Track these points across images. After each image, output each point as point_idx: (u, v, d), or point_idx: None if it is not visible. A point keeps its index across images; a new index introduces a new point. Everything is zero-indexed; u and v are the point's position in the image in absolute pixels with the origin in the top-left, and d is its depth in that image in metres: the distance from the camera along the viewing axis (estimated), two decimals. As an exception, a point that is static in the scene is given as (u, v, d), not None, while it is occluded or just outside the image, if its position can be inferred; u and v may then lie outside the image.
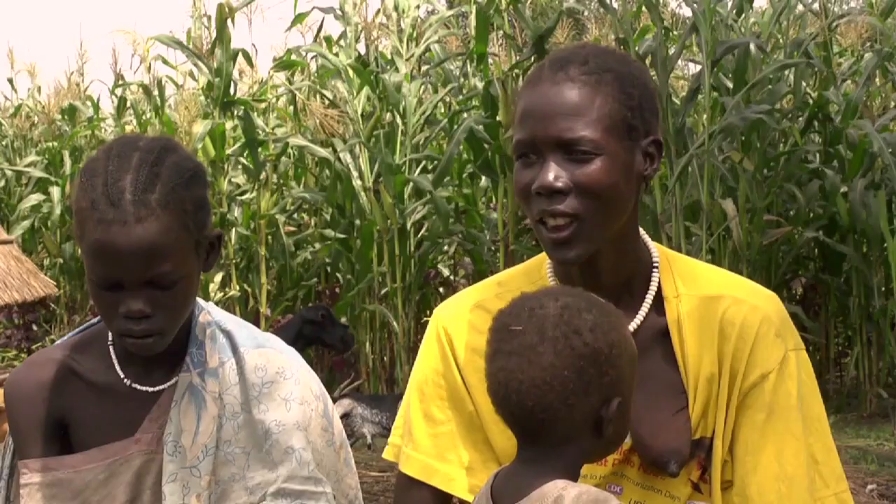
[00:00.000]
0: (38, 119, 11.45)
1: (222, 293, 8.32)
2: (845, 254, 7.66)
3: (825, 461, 1.80)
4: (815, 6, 8.01)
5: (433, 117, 8.71)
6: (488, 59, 8.31)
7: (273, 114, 9.31)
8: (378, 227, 8.12)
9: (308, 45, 9.01)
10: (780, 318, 1.82)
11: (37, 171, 10.66)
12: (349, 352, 7.99)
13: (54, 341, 3.66)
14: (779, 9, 7.72)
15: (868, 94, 7.92)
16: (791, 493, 1.76)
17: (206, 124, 8.00)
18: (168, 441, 1.87)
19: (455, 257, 9.53)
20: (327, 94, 8.80)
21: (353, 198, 8.41)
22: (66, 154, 10.76)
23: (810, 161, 8.10)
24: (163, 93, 9.70)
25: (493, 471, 1.79)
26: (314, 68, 9.53)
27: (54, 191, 10.45)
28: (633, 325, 1.80)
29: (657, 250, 1.86)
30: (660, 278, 1.83)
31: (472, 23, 8.37)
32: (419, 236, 8.51)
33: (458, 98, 8.75)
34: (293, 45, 9.21)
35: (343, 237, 8.57)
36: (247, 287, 8.93)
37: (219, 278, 8.42)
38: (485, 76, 8.08)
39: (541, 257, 1.91)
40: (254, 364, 1.93)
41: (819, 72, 7.89)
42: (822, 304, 8.30)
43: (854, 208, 7.38)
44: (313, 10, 8.86)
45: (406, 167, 8.24)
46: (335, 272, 9.24)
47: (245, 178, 9.30)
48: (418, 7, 8.57)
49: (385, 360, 8.52)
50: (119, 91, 10.69)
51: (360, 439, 6.33)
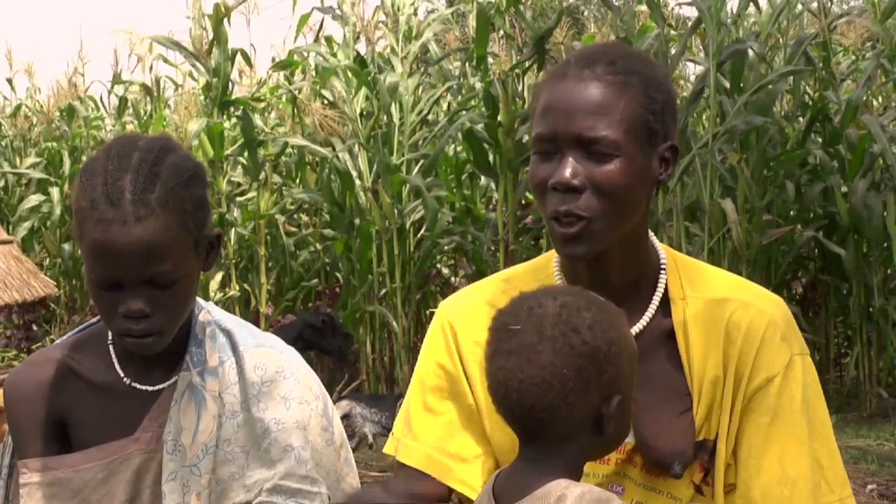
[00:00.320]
0: (37, 119, 11.44)
1: (222, 293, 8.31)
2: (845, 254, 7.64)
3: (830, 466, 1.81)
4: (814, 6, 8.00)
5: (431, 117, 8.70)
6: (488, 58, 8.30)
7: (272, 114, 9.32)
8: (377, 227, 8.12)
9: (306, 45, 8.99)
10: (786, 323, 1.82)
11: (37, 173, 10.65)
12: (345, 360, 8.03)
13: (54, 341, 3.65)
14: (777, 9, 7.71)
15: (868, 94, 7.90)
16: (794, 496, 1.77)
17: (201, 122, 8.00)
18: (168, 440, 1.87)
19: (455, 257, 9.53)
20: (327, 94, 8.80)
21: (353, 198, 8.40)
22: (66, 154, 10.76)
23: (810, 161, 8.09)
24: (160, 92, 9.69)
25: (490, 464, 1.81)
26: (314, 68, 9.52)
27: (54, 191, 10.44)
28: (638, 326, 1.80)
29: (665, 252, 1.86)
30: (667, 280, 1.84)
31: (471, 22, 8.36)
32: (419, 236, 8.50)
33: (458, 98, 8.74)
34: (292, 45, 9.20)
35: (343, 237, 8.57)
36: (247, 287, 8.93)
37: (219, 278, 8.41)
38: (484, 77, 8.07)
39: (548, 255, 1.91)
40: (253, 363, 1.93)
41: (819, 72, 7.88)
42: (822, 304, 8.29)
43: (856, 209, 7.38)
44: (313, 10, 8.87)
45: (404, 167, 8.24)
46: (335, 272, 9.24)
47: (244, 178, 9.30)
48: (413, 4, 8.56)
49: (385, 360, 8.52)
50: (119, 91, 10.69)
51: (362, 439, 6.33)
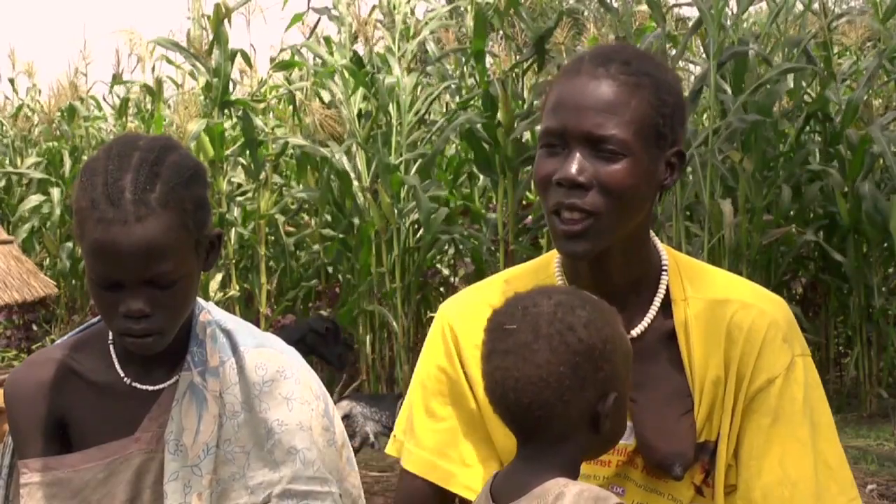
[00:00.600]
0: (38, 119, 11.43)
1: (222, 293, 8.31)
2: (845, 254, 7.64)
3: (839, 467, 1.81)
4: (814, 6, 7.99)
5: (430, 116, 8.69)
6: (487, 58, 8.30)
7: (271, 114, 9.31)
8: (377, 227, 8.12)
9: (302, 42, 8.97)
10: (787, 324, 1.82)
11: (37, 174, 10.64)
12: (343, 368, 8.03)
13: (54, 341, 3.65)
14: (776, 8, 7.70)
15: (869, 94, 7.90)
16: (794, 498, 1.76)
17: (200, 123, 7.99)
18: (170, 440, 1.87)
19: (455, 257, 9.52)
20: (325, 94, 8.79)
21: (352, 198, 8.40)
22: (66, 154, 10.76)
23: (810, 161, 8.09)
24: (161, 92, 9.69)
25: (494, 468, 1.80)
26: (312, 68, 9.51)
27: (54, 191, 10.44)
28: (640, 328, 1.80)
29: (666, 253, 1.86)
30: (668, 281, 1.83)
31: (469, 21, 8.36)
32: (418, 236, 8.50)
33: (457, 98, 8.73)
34: (298, 45, 9.17)
35: (342, 237, 8.56)
36: (247, 287, 8.92)
37: (219, 278, 8.41)
38: (481, 77, 8.06)
39: (549, 256, 1.91)
40: (254, 363, 1.93)
41: (818, 72, 7.88)
42: (822, 304, 8.29)
43: (867, 211, 7.36)
44: (309, 10, 8.86)
45: (403, 167, 8.23)
46: (335, 272, 9.23)
47: (245, 179, 9.29)
48: (409, 2, 8.54)
49: (385, 360, 8.52)
50: (121, 91, 10.69)
51: (364, 439, 6.30)
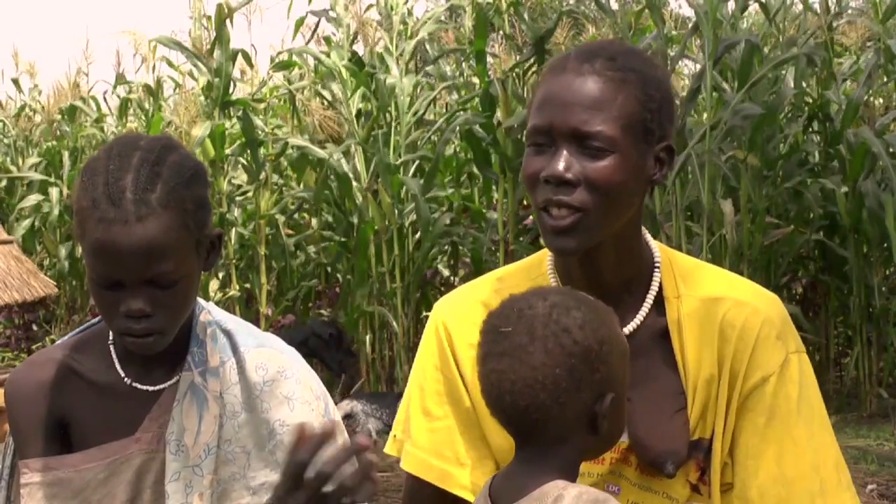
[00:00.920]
0: (39, 119, 11.44)
1: (222, 293, 8.31)
2: (845, 254, 7.64)
3: (836, 464, 1.80)
4: (815, 6, 8.00)
5: (429, 117, 8.69)
6: (487, 58, 8.30)
7: (271, 114, 9.30)
8: (377, 227, 8.11)
9: (300, 46, 8.96)
10: (781, 321, 1.81)
11: (37, 175, 10.64)
12: (344, 374, 8.03)
13: (54, 341, 3.66)
14: (774, 8, 7.70)
15: (869, 93, 7.90)
16: (791, 496, 1.76)
17: (206, 127, 7.99)
18: (171, 440, 1.87)
19: (455, 257, 9.53)
20: (326, 94, 8.79)
21: (351, 198, 8.40)
22: (66, 154, 10.76)
23: (810, 161, 8.09)
24: (161, 92, 9.69)
25: (490, 467, 1.80)
26: (313, 69, 9.52)
27: (53, 191, 10.44)
28: (632, 325, 1.79)
29: (659, 250, 1.85)
30: (661, 278, 1.83)
31: (467, 21, 8.35)
32: (418, 236, 8.50)
33: (456, 98, 8.73)
34: (292, 45, 9.18)
35: (340, 238, 8.56)
36: (247, 287, 8.92)
37: (219, 278, 8.41)
38: (482, 76, 8.06)
39: (541, 254, 1.90)
40: (254, 363, 1.93)
41: (819, 72, 7.88)
42: (822, 304, 8.29)
43: (869, 209, 7.35)
44: (308, 14, 8.84)
45: (403, 167, 8.22)
46: (335, 272, 9.23)
47: (245, 179, 9.29)
48: (407, 3, 8.54)
49: (385, 360, 8.52)
50: (121, 91, 10.68)
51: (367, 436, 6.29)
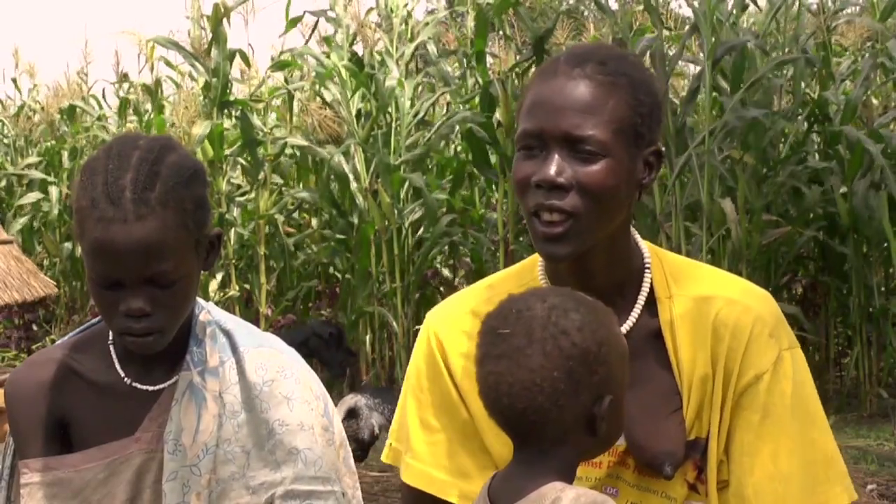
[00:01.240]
0: (38, 119, 11.44)
1: (222, 293, 8.31)
2: (845, 254, 7.65)
3: (832, 458, 1.80)
4: (813, 6, 8.00)
5: (429, 117, 8.69)
6: (487, 58, 8.29)
7: (271, 114, 9.30)
8: (377, 227, 8.11)
9: (300, 47, 8.96)
10: (773, 318, 1.81)
11: (37, 173, 10.64)
12: (344, 375, 8.04)
13: (54, 341, 3.66)
14: (774, 7, 7.70)
15: (867, 93, 7.90)
16: (788, 493, 1.76)
17: (206, 126, 7.98)
18: (169, 439, 1.87)
19: (455, 257, 9.53)
20: (326, 94, 8.79)
21: (351, 198, 8.40)
22: (66, 154, 10.76)
23: (810, 161, 8.10)
24: (160, 93, 9.68)
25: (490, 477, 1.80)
26: (314, 69, 9.51)
27: (52, 190, 10.44)
28: (625, 327, 1.78)
29: (649, 251, 1.84)
30: (652, 279, 1.82)
31: (469, 23, 8.35)
32: (417, 236, 8.50)
33: (457, 99, 8.72)
34: (292, 44, 9.20)
35: (342, 238, 8.56)
36: (247, 287, 8.92)
37: (219, 278, 8.41)
38: (482, 76, 8.06)
39: (532, 259, 1.90)
40: (254, 363, 1.93)
41: (818, 72, 7.88)
42: (822, 304, 8.29)
43: (857, 209, 7.37)
44: (305, 13, 8.83)
45: (402, 167, 8.22)
46: (335, 272, 9.24)
47: (245, 179, 9.29)
48: (406, 6, 8.54)
49: (385, 360, 8.53)
50: (121, 91, 10.68)
51: (371, 430, 6.26)
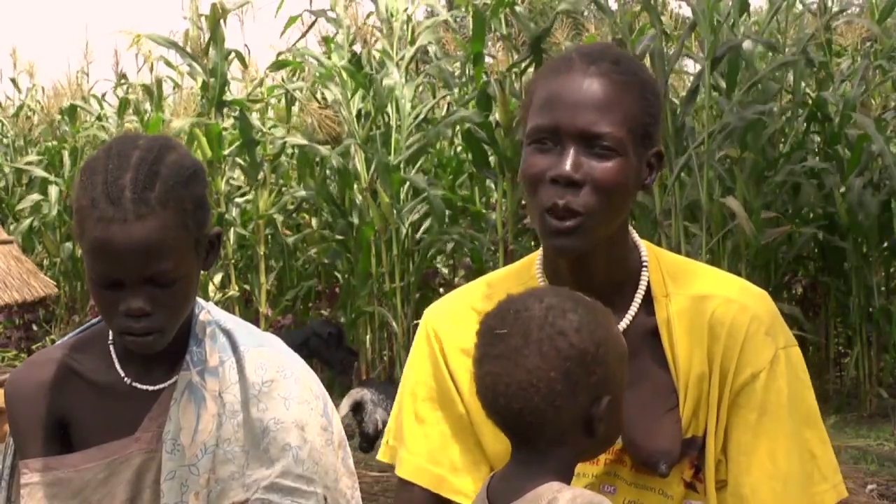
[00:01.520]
0: (38, 119, 11.44)
1: (222, 293, 8.31)
2: (845, 253, 7.64)
3: (822, 455, 1.80)
4: (813, 7, 8.00)
5: (430, 118, 8.69)
6: (485, 59, 8.29)
7: (271, 113, 9.30)
8: (376, 227, 8.12)
9: (300, 47, 8.96)
10: (770, 317, 1.81)
11: (38, 170, 10.65)
12: (345, 374, 8.04)
13: (54, 341, 3.67)
14: (774, 7, 7.70)
15: (866, 93, 7.90)
16: (786, 491, 1.76)
17: (187, 120, 8.01)
18: (167, 439, 1.87)
19: (454, 257, 9.53)
20: (327, 94, 8.78)
21: (351, 198, 8.40)
22: (66, 154, 10.76)
23: (809, 161, 8.10)
24: (159, 93, 9.69)
25: (484, 472, 1.79)
26: (314, 69, 9.50)
27: (52, 190, 10.44)
28: (622, 325, 1.79)
29: (646, 249, 1.85)
30: (649, 278, 1.83)
31: (470, 24, 8.35)
32: (417, 236, 8.50)
33: (456, 98, 8.72)
34: (292, 44, 9.16)
35: (341, 238, 8.56)
36: (246, 287, 8.92)
37: (218, 278, 8.41)
38: (477, 77, 8.06)
39: (531, 258, 1.90)
40: (254, 363, 1.93)
41: (818, 71, 7.88)
42: (822, 304, 8.29)
43: (851, 208, 7.38)
44: (304, 12, 8.84)
45: (402, 167, 8.22)
46: (335, 272, 9.24)
47: (244, 180, 9.29)
48: (406, 10, 8.54)
49: (385, 360, 8.53)
50: (120, 91, 10.69)
51: (375, 425, 6.26)
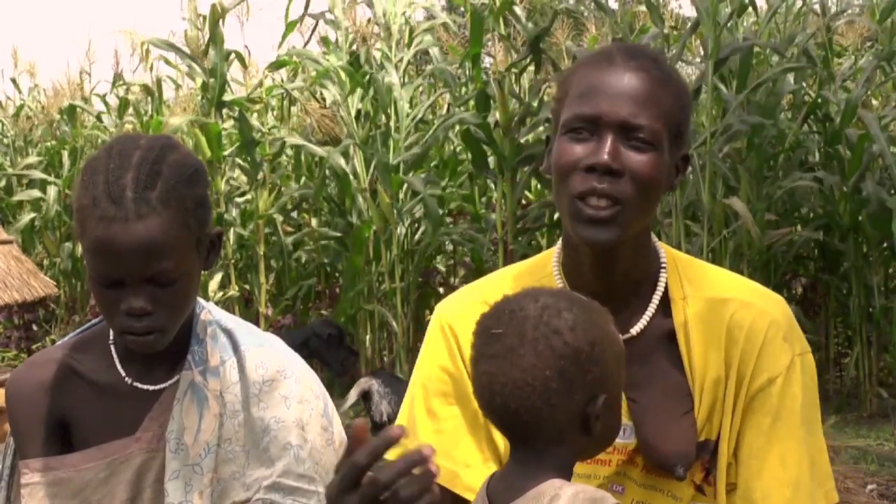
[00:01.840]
0: (37, 119, 11.43)
1: (222, 293, 8.31)
2: (845, 253, 7.64)
3: (819, 462, 1.81)
4: (815, 6, 8.00)
5: (428, 118, 8.69)
6: (484, 59, 8.29)
7: (270, 114, 9.29)
8: (376, 227, 8.11)
9: (299, 48, 8.95)
10: (787, 323, 1.82)
11: (37, 173, 10.64)
12: (345, 375, 8.03)
13: (54, 341, 3.67)
14: (773, 8, 7.70)
15: (867, 93, 7.90)
16: (796, 497, 1.76)
17: (183, 118, 8.01)
18: (171, 439, 1.87)
19: (454, 257, 9.53)
20: (326, 94, 8.78)
21: (351, 198, 8.40)
22: (66, 154, 10.76)
23: (810, 161, 8.10)
24: (161, 93, 9.69)
25: (495, 468, 1.79)
26: (313, 69, 9.50)
27: (51, 190, 10.44)
28: (638, 327, 1.80)
29: (665, 252, 1.86)
30: (667, 280, 1.83)
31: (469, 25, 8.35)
32: (417, 236, 8.49)
33: (455, 98, 8.72)
34: (292, 44, 9.17)
35: (340, 237, 8.56)
36: (246, 287, 8.92)
37: (218, 278, 8.41)
38: (476, 77, 8.05)
39: (547, 254, 1.90)
40: (254, 363, 1.93)
41: (818, 71, 7.87)
42: (822, 304, 8.29)
43: (868, 210, 7.33)
44: (304, 16, 8.82)
45: (402, 167, 8.22)
46: (335, 272, 9.23)
47: (244, 180, 9.28)
48: (405, 13, 8.54)
49: (385, 360, 8.52)
50: (119, 91, 10.69)
51: (381, 417, 6.24)
